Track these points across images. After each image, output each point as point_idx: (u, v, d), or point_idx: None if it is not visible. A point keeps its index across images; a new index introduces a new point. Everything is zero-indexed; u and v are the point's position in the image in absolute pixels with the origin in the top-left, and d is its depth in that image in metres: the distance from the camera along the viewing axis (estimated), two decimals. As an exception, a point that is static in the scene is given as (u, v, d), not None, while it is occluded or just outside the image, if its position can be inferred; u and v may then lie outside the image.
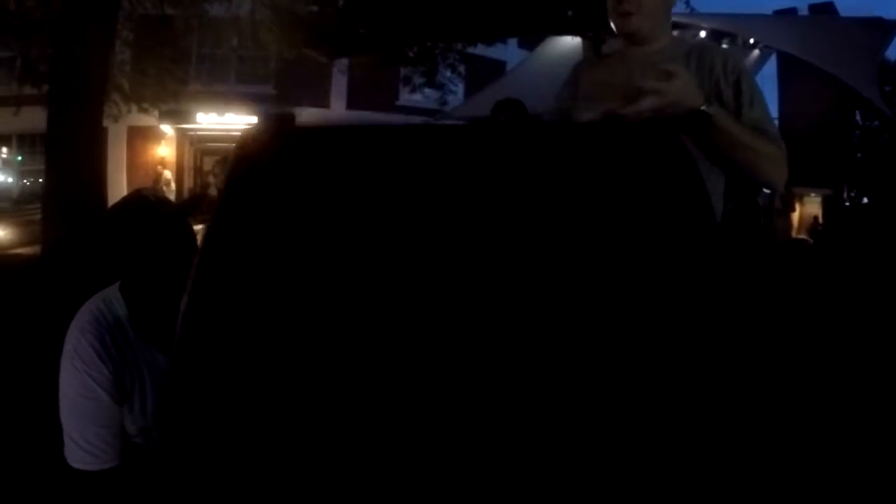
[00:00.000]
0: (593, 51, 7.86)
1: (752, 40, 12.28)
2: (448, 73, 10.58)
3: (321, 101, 15.55)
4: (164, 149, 14.75)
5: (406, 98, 12.76)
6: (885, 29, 11.73)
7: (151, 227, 1.25)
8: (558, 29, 8.82)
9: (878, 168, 18.52)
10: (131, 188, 11.77)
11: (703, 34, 10.78)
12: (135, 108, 10.62)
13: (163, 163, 14.25)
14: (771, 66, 15.77)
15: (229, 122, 14.90)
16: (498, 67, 15.66)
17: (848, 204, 18.07)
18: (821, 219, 14.31)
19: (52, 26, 6.35)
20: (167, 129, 14.56)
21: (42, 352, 1.36)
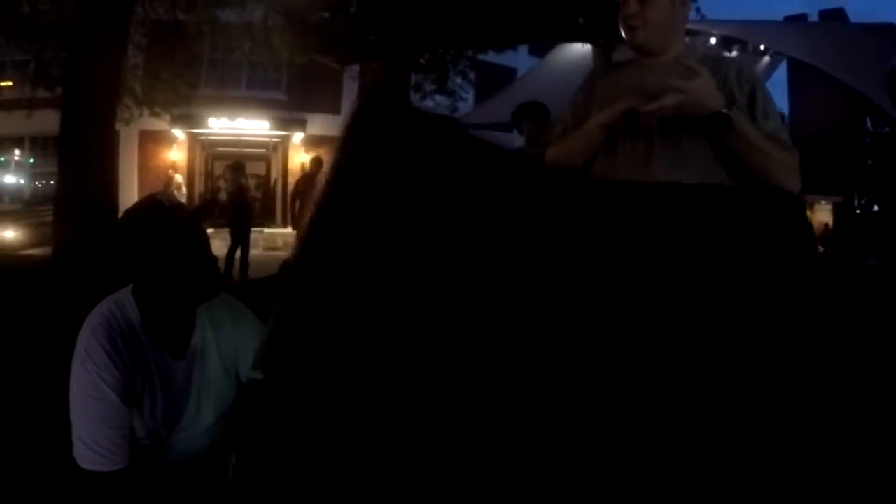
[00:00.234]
0: (604, 58, 7.86)
1: (762, 46, 12.24)
2: (459, 80, 10.60)
3: (332, 107, 15.61)
4: (176, 153, 14.84)
5: (417, 104, 12.77)
6: (896, 35, 11.66)
7: (166, 231, 1.26)
8: (569, 36, 8.83)
9: (889, 175, 18.37)
10: (142, 192, 11.89)
11: (714, 41, 10.77)
12: (147, 112, 10.67)
13: (174, 167, 14.33)
14: (781, 73, 15.72)
15: (240, 126, 14.99)
16: (508, 74, 15.70)
17: (858, 211, 17.93)
18: (831, 226, 14.21)
19: (66, 30, 6.42)
20: (179, 133, 14.65)
21: (53, 353, 1.37)
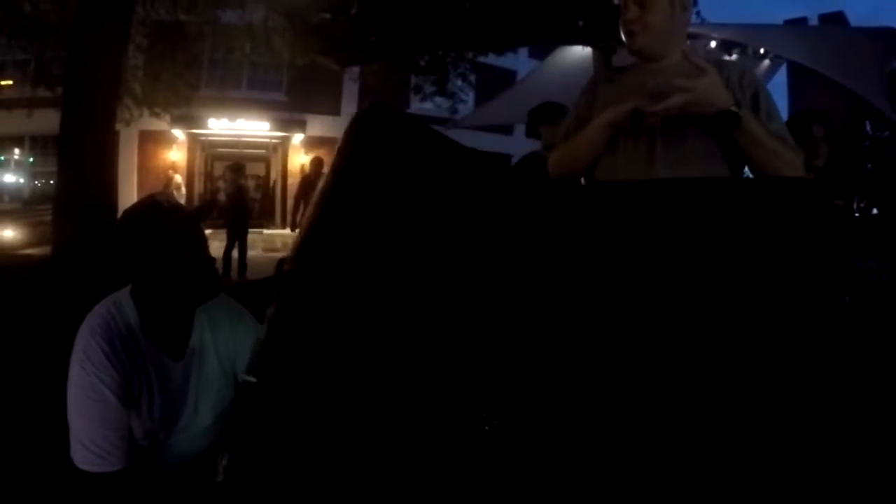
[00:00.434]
0: (604, 61, 7.86)
1: (762, 50, 12.21)
2: (459, 82, 10.59)
3: (332, 109, 15.62)
4: (176, 153, 14.85)
5: (417, 106, 12.76)
6: (896, 39, 11.64)
7: (164, 232, 1.26)
8: (569, 39, 8.81)
9: (889, 178, 18.38)
10: (142, 192, 11.90)
11: (714, 44, 10.76)
12: (147, 112, 10.68)
13: (174, 167, 14.34)
14: (781, 76, 15.73)
15: (240, 127, 15.00)
16: (508, 76, 15.69)
17: (858, 215, 17.94)
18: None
19: (67, 30, 6.42)
20: (179, 133, 14.66)
21: (52, 353, 1.37)
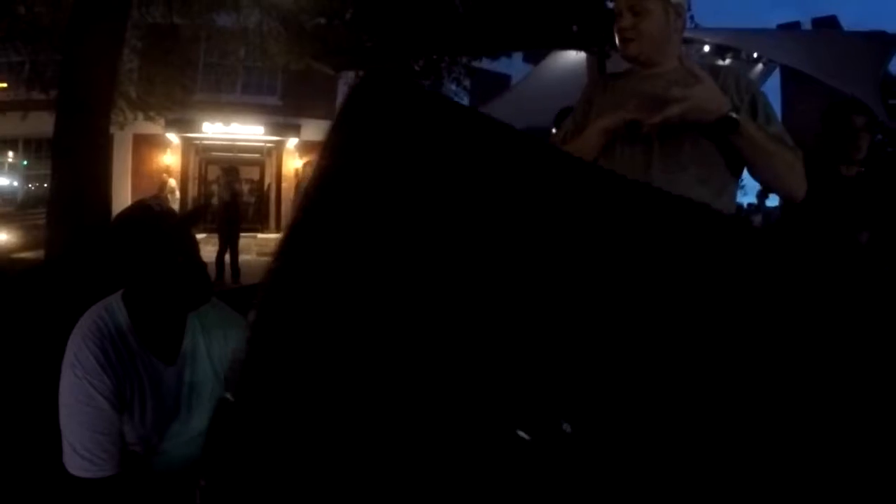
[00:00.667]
0: (598, 66, 7.89)
1: (755, 54, 12.31)
2: (453, 87, 10.62)
3: (327, 113, 15.59)
4: (170, 157, 14.80)
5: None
6: (888, 42, 11.73)
7: (154, 237, 1.26)
8: (563, 44, 8.86)
9: (882, 181, 18.54)
10: (136, 195, 11.86)
11: (707, 49, 10.83)
12: (141, 115, 10.67)
13: (168, 171, 14.29)
14: (774, 80, 15.82)
15: (235, 132, 14.97)
16: (503, 81, 15.74)
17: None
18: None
19: (61, 32, 6.40)
20: (173, 137, 14.62)
21: (44, 357, 1.36)
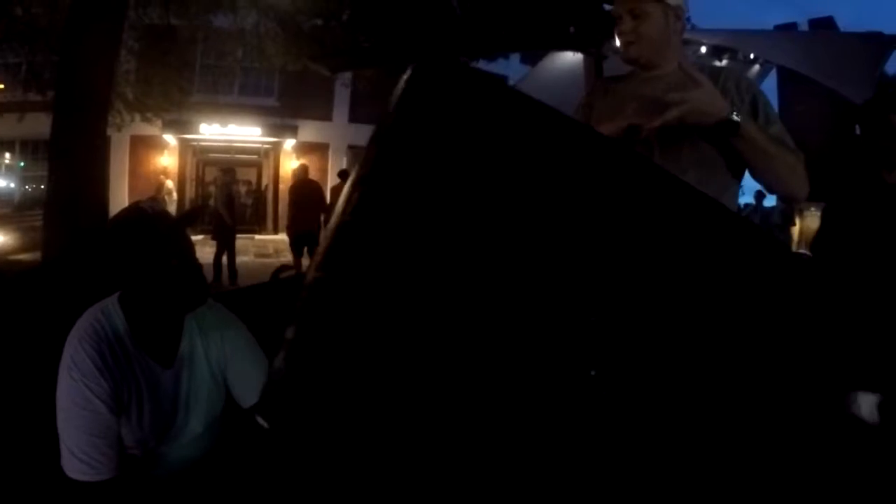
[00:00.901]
0: (595, 67, 7.90)
1: (752, 55, 12.33)
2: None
3: (324, 114, 15.62)
4: (167, 158, 14.80)
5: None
6: (885, 43, 11.74)
7: (149, 240, 1.26)
8: (560, 45, 8.85)
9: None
10: (133, 197, 11.84)
11: (704, 50, 10.84)
12: (138, 117, 10.65)
13: (165, 172, 14.28)
14: (771, 81, 15.83)
15: (232, 133, 14.98)
16: (500, 81, 15.73)
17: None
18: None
19: (58, 33, 6.40)
20: (170, 138, 14.62)
21: (42, 360, 1.36)
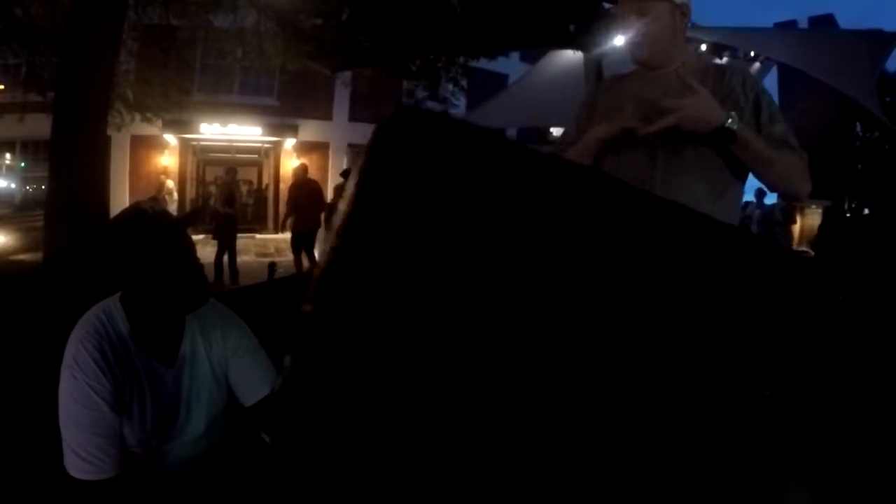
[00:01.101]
0: (595, 65, 7.90)
1: (752, 53, 12.31)
2: (450, 87, 10.60)
3: (324, 114, 15.64)
4: (167, 158, 14.80)
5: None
6: (885, 41, 11.73)
7: (149, 239, 1.26)
8: (560, 43, 8.85)
9: (879, 179, 18.54)
10: (134, 197, 11.86)
11: (704, 47, 10.83)
12: (138, 117, 10.66)
13: (165, 172, 14.28)
14: (771, 78, 15.84)
15: (232, 132, 14.99)
16: (500, 81, 15.72)
17: (849, 215, 18.08)
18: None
19: (58, 34, 6.40)
20: (170, 138, 14.62)
21: (44, 360, 1.37)
